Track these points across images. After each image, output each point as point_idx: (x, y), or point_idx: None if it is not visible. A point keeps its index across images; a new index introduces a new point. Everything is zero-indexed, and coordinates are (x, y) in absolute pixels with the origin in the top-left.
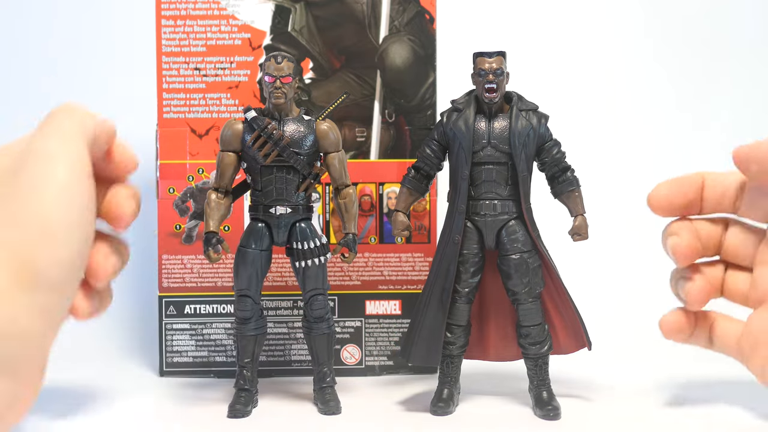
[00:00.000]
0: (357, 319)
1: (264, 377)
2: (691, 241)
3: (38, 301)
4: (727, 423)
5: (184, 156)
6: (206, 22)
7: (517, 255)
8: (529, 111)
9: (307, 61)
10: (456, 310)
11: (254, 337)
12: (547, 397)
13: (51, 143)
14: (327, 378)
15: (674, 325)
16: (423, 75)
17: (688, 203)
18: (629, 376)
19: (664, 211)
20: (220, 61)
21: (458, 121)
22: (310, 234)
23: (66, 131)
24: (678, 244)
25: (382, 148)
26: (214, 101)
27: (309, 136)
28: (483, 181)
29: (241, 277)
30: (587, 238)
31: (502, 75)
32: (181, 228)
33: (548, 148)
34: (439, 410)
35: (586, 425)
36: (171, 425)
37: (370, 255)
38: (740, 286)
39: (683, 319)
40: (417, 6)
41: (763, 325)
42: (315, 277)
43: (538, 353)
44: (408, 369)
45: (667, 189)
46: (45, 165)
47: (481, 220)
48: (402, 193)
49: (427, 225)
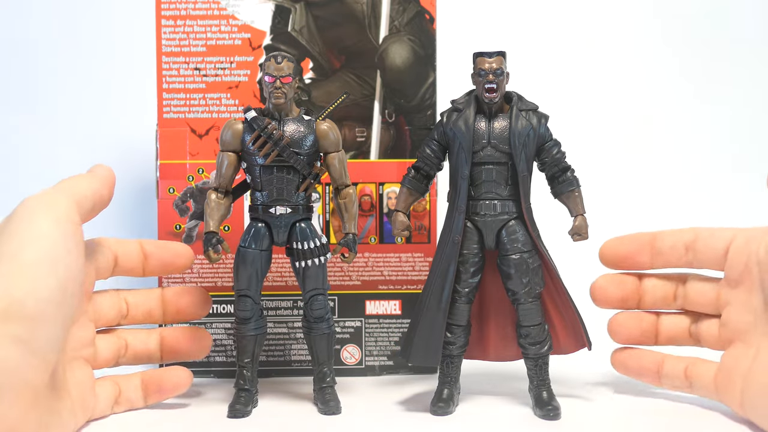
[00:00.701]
0: (357, 319)
1: (264, 377)
2: (608, 287)
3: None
4: (728, 423)
5: (184, 156)
6: (206, 22)
7: (517, 255)
8: (529, 111)
9: (307, 61)
10: (456, 310)
11: (254, 337)
12: (547, 397)
13: (33, 201)
14: (327, 378)
15: (618, 359)
16: (423, 75)
17: (633, 254)
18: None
19: (611, 264)
20: (220, 61)
21: (458, 121)
22: (310, 234)
23: (49, 193)
24: (594, 286)
25: (382, 148)
26: (214, 101)
27: (309, 136)
28: (483, 181)
29: (241, 277)
30: (587, 238)
31: (502, 75)
32: (181, 228)
33: (548, 148)
34: (439, 410)
35: (586, 425)
36: (171, 425)
37: (370, 255)
38: (712, 332)
39: (626, 352)
40: (417, 6)
41: (733, 361)
42: (315, 277)
43: (538, 353)
44: (408, 369)
45: (616, 244)
46: (28, 214)
47: (481, 220)
48: (402, 193)
49: (427, 225)
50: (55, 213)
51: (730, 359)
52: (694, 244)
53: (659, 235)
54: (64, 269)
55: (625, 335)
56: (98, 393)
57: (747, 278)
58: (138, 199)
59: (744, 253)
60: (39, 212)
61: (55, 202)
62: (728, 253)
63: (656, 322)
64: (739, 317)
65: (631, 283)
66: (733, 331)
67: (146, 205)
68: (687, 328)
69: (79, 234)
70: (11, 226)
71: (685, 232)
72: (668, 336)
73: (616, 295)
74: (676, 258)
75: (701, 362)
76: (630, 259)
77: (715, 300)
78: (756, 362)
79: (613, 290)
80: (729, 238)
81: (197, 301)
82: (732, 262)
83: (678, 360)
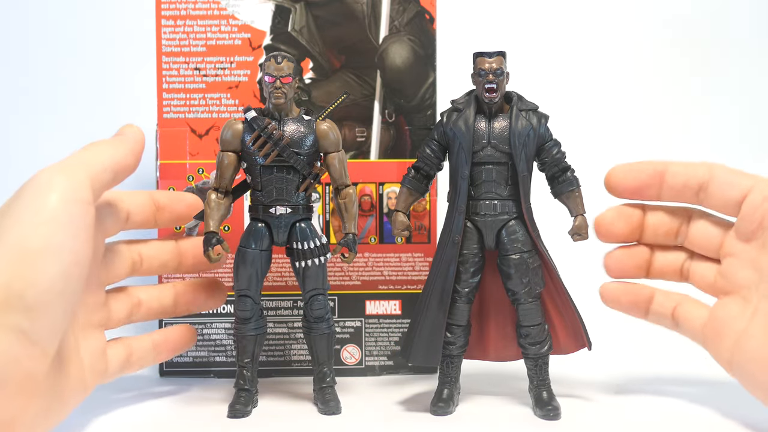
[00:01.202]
0: (357, 319)
1: (264, 377)
2: (614, 219)
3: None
4: (729, 423)
5: (184, 156)
6: (206, 22)
7: (517, 255)
8: (529, 111)
9: (307, 61)
10: (456, 310)
11: (254, 337)
12: (547, 397)
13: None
14: (327, 378)
15: (611, 293)
16: (423, 75)
17: (642, 186)
18: (629, 376)
19: (617, 191)
20: (220, 61)
21: (458, 121)
22: (310, 234)
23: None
24: (601, 221)
25: (382, 148)
26: (214, 101)
27: (309, 136)
28: (483, 181)
29: (241, 277)
30: (587, 238)
31: (502, 75)
32: (181, 228)
33: (548, 148)
34: (439, 410)
35: (586, 425)
36: (171, 425)
37: (370, 255)
38: (706, 275)
39: (619, 287)
40: (417, 6)
41: (727, 314)
42: (315, 277)
43: (538, 353)
44: (408, 369)
45: (623, 171)
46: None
47: (481, 220)
48: (402, 193)
49: (427, 225)
50: (64, 193)
51: (723, 311)
52: (707, 186)
53: (672, 168)
54: (68, 255)
55: (619, 271)
56: (109, 356)
57: (759, 236)
58: None
59: (760, 209)
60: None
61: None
62: (743, 205)
63: (650, 258)
64: (743, 272)
65: (637, 218)
66: (731, 284)
67: None
68: (680, 265)
69: (89, 215)
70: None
71: (700, 169)
72: (659, 270)
73: (624, 230)
74: (687, 196)
75: (691, 304)
76: (638, 192)
77: (718, 246)
78: (753, 323)
79: (620, 225)
80: (746, 189)
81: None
82: (745, 215)
83: (667, 297)
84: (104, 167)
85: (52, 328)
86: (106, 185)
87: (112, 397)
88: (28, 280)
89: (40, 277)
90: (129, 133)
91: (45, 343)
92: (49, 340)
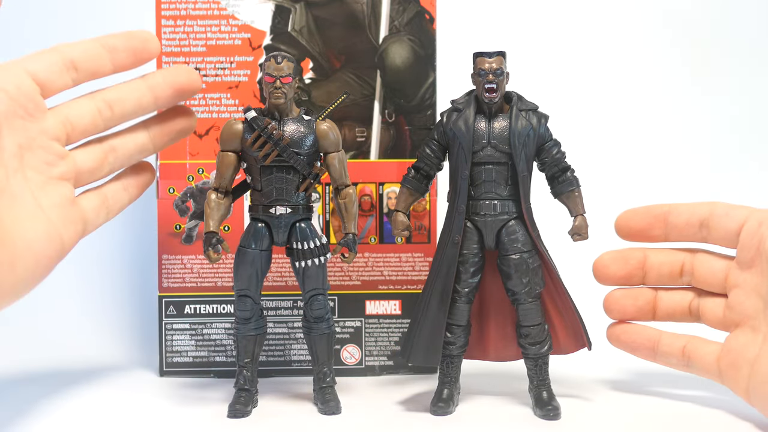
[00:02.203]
0: (357, 319)
1: (264, 377)
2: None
3: None
4: (728, 423)
5: (184, 156)
6: (206, 22)
7: (517, 255)
8: (529, 111)
9: (307, 61)
10: (456, 310)
11: (254, 337)
12: (547, 397)
13: None
14: (327, 378)
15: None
16: (423, 75)
17: (648, 227)
18: (629, 376)
19: (625, 236)
20: (220, 61)
21: (458, 121)
22: (310, 234)
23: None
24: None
25: (382, 148)
26: (214, 101)
27: (309, 136)
28: (483, 181)
29: (241, 277)
30: (587, 238)
31: (502, 75)
32: (181, 228)
33: (548, 148)
34: (439, 410)
35: (586, 425)
36: (171, 425)
37: (370, 255)
38: (716, 311)
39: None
40: (417, 6)
41: (739, 344)
42: (315, 277)
43: (538, 353)
44: (408, 369)
45: (630, 217)
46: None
47: (481, 220)
48: (402, 193)
49: (427, 225)
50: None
51: (735, 343)
52: (708, 221)
53: (674, 209)
54: None
55: (620, 312)
56: (83, 206)
57: (758, 262)
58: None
59: (756, 236)
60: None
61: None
62: (740, 234)
63: (654, 299)
64: (748, 301)
65: (636, 260)
66: (740, 315)
67: (146, 205)
68: (688, 304)
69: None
70: None
71: (701, 207)
72: (667, 312)
73: (619, 273)
74: (690, 233)
75: (701, 342)
76: (644, 233)
77: (723, 280)
78: (764, 349)
79: (615, 268)
80: (743, 219)
81: (191, 71)
82: (744, 244)
83: (676, 337)
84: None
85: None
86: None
87: (112, 397)
88: None
89: None
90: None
91: None
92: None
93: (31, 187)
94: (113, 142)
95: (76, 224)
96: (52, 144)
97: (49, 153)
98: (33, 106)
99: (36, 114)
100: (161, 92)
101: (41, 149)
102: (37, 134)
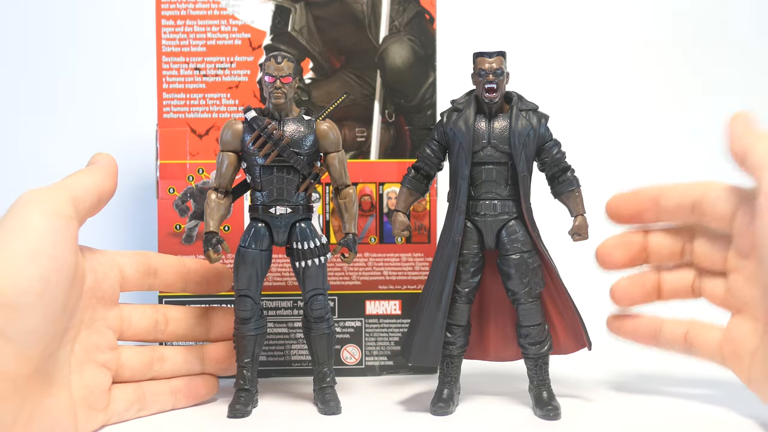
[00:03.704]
0: (357, 319)
1: (264, 377)
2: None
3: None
4: (728, 423)
5: (184, 156)
6: (206, 22)
7: (517, 255)
8: (529, 111)
9: (307, 61)
10: (456, 310)
11: (254, 337)
12: (547, 397)
13: (30, 194)
14: (327, 378)
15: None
16: (423, 75)
17: (640, 211)
18: (629, 376)
19: (617, 220)
20: (220, 61)
21: (458, 121)
22: (310, 234)
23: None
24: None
25: (382, 148)
26: (214, 101)
27: (309, 136)
28: (483, 181)
29: (241, 277)
30: (587, 238)
31: (502, 75)
32: (181, 228)
33: (548, 148)
34: (439, 410)
35: (586, 425)
36: (171, 425)
37: (370, 255)
38: (716, 290)
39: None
40: (417, 6)
41: (741, 333)
42: (315, 277)
43: (538, 353)
44: (408, 369)
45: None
46: (22, 207)
47: (481, 220)
48: (402, 193)
49: (427, 225)
50: (47, 207)
51: (737, 332)
52: (700, 205)
53: (665, 192)
54: (47, 260)
55: (629, 300)
56: (115, 396)
57: (754, 255)
58: (138, 199)
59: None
60: (32, 205)
61: (50, 196)
62: (734, 222)
63: (658, 281)
64: (747, 289)
65: (638, 244)
66: (739, 301)
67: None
68: (690, 284)
69: (70, 229)
70: (3, 220)
71: (693, 189)
72: (671, 291)
73: (624, 259)
74: (684, 215)
75: (703, 327)
76: (635, 217)
77: (723, 260)
78: (763, 342)
79: (619, 254)
80: (735, 205)
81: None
82: (739, 232)
83: (677, 324)
84: (86, 189)
85: (30, 329)
86: (93, 206)
87: None
88: (7, 279)
89: (18, 277)
90: (102, 160)
91: (22, 344)
92: (28, 342)
93: (72, 360)
94: (165, 351)
95: (97, 411)
96: (107, 332)
97: (102, 338)
98: (109, 295)
99: (108, 302)
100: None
101: (97, 333)
102: (99, 318)
